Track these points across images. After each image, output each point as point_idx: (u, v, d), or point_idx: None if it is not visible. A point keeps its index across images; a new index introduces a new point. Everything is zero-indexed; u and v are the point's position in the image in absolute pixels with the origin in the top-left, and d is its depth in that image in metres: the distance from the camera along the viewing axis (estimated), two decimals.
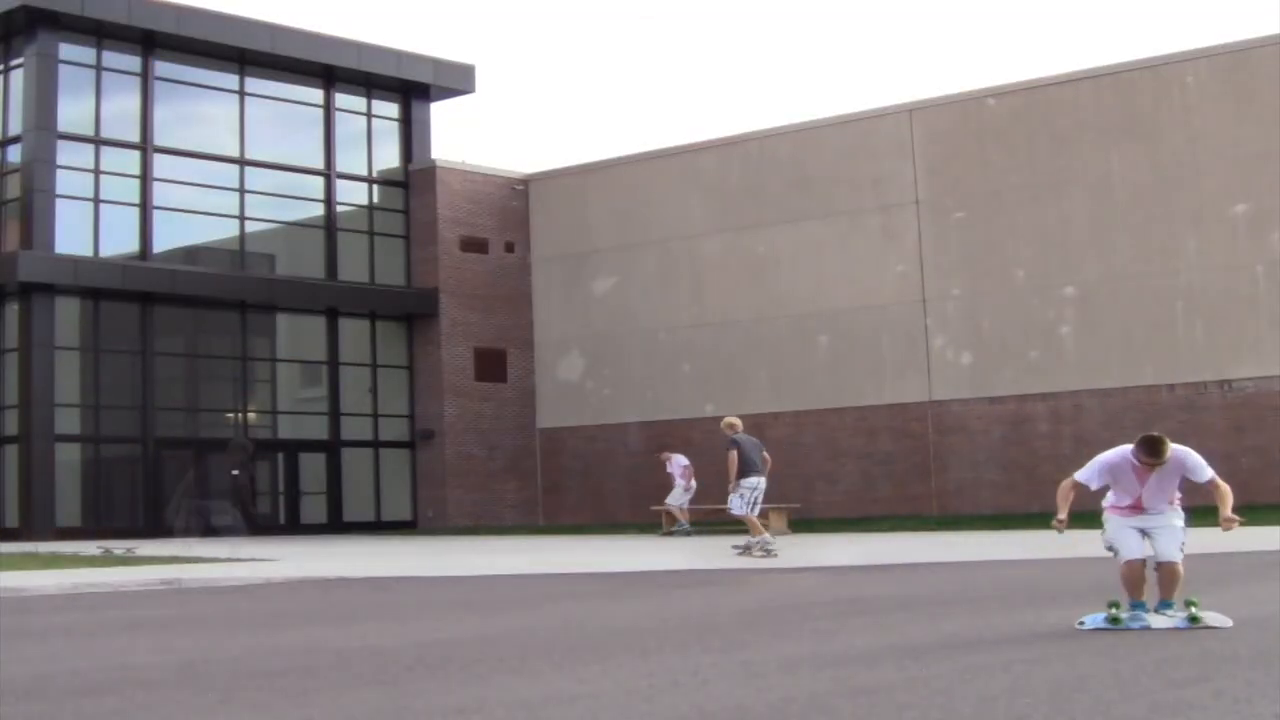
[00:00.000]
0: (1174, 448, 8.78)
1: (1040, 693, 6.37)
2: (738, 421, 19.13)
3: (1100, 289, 27.79)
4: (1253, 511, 23.71)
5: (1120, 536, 9.12)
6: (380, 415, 34.25)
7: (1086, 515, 9.70)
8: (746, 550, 18.38)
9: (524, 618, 11.05)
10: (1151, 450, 8.75)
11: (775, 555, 17.94)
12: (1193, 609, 8.77)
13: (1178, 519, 9.06)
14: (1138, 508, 9.06)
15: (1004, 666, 7.25)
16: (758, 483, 18.49)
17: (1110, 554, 9.26)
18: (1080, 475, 9.13)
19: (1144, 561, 9.02)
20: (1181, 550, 8.99)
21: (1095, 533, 9.24)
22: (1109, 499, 9.25)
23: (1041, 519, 25.55)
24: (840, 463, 30.40)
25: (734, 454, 18.42)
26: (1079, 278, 28.02)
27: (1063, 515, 9.17)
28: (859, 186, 30.53)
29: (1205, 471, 8.88)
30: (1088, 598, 10.99)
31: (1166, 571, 8.98)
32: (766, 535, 18.76)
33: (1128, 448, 8.97)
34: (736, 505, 18.61)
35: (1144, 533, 9.06)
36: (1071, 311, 28.06)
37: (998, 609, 10.57)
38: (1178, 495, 9.10)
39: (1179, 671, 6.97)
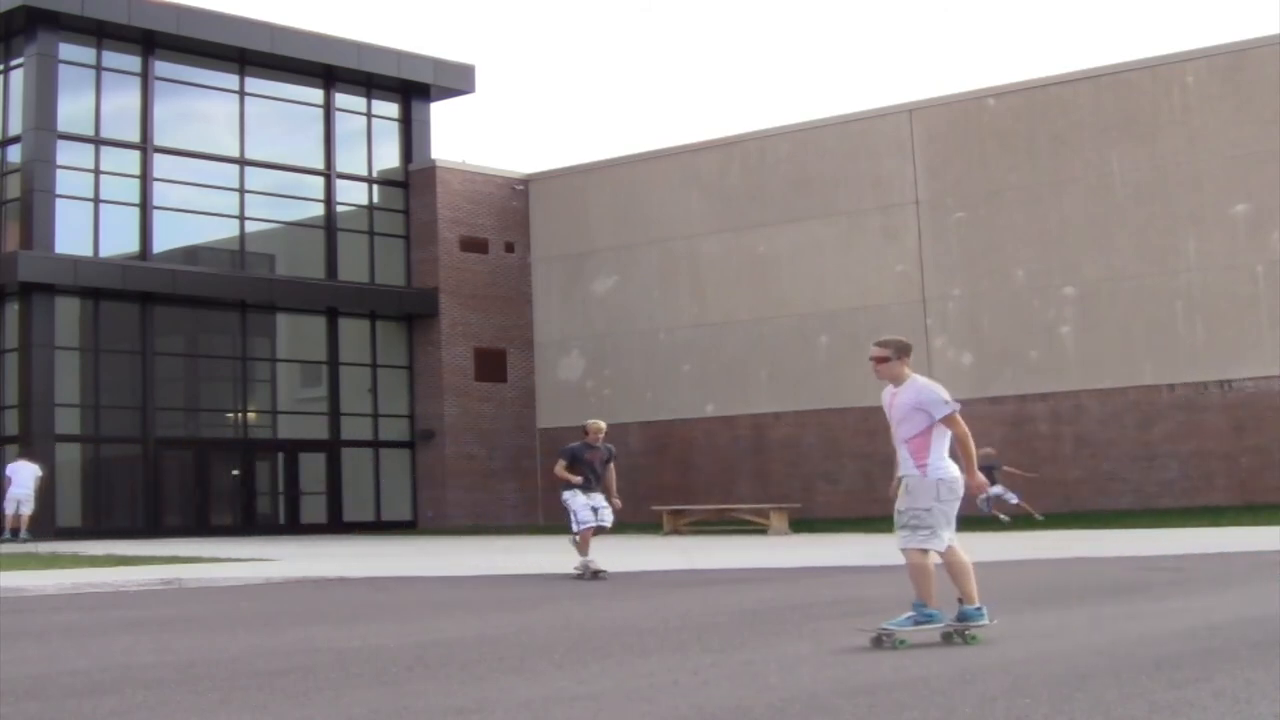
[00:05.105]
0: None
1: (1040, 693, 6.36)
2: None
3: (1100, 289, 27.78)
4: (1253, 512, 23.75)
5: None
6: (380, 415, 34.23)
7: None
8: None
9: (524, 618, 11.04)
10: None
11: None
12: None
13: None
14: None
15: (1004, 667, 7.24)
16: None
17: None
18: None
19: None
20: None
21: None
22: None
23: (1041, 519, 25.56)
24: (841, 463, 30.39)
25: None
26: (1079, 278, 28.01)
27: None
28: (859, 186, 30.52)
29: None
30: (1087, 598, 10.99)
31: None
32: None
33: None
34: None
35: None
36: (1071, 311, 28.05)
37: (998, 609, 10.55)
38: None
39: (1179, 671, 6.95)
